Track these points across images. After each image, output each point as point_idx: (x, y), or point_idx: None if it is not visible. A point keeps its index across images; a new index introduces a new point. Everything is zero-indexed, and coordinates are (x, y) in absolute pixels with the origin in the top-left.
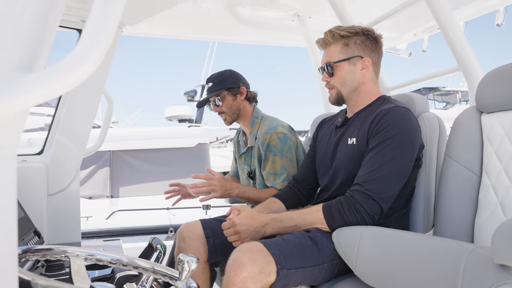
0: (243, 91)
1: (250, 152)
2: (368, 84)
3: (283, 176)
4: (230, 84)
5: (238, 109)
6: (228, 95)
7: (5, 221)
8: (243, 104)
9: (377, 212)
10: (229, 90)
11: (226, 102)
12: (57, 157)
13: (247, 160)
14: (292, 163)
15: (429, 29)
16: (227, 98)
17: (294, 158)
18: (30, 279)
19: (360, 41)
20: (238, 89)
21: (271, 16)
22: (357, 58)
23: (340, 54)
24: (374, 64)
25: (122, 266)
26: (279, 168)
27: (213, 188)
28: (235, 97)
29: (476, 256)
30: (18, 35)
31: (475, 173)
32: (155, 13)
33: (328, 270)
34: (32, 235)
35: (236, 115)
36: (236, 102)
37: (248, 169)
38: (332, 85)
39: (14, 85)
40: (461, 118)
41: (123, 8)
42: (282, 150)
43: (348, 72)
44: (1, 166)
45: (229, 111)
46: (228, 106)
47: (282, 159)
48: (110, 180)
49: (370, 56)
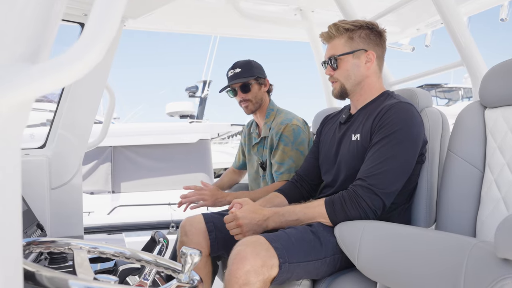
0: (267, 83)
1: (263, 143)
2: (371, 78)
3: (289, 167)
4: (259, 73)
5: (262, 99)
6: (255, 84)
7: (10, 213)
8: (265, 95)
9: (379, 207)
10: (257, 80)
11: (253, 91)
12: (60, 151)
13: (260, 150)
14: (302, 156)
15: (432, 24)
16: (254, 87)
17: (306, 152)
18: (34, 270)
19: (364, 35)
20: (264, 79)
21: (273, 10)
22: (361, 51)
23: (344, 47)
24: (378, 58)
25: (125, 259)
26: (287, 158)
27: (203, 197)
28: (261, 87)
29: (479, 250)
30: (22, 26)
31: (478, 168)
32: (157, 7)
33: (330, 264)
34: (35, 228)
35: (258, 105)
36: (261, 92)
37: (260, 160)
38: (335, 78)
39: (19, 75)
40: (465, 113)
41: (126, 1)
42: (294, 142)
43: (352, 65)
44: (6, 156)
45: (254, 100)
46: (254, 95)
47: (293, 150)
48: (111, 175)
49: (374, 50)
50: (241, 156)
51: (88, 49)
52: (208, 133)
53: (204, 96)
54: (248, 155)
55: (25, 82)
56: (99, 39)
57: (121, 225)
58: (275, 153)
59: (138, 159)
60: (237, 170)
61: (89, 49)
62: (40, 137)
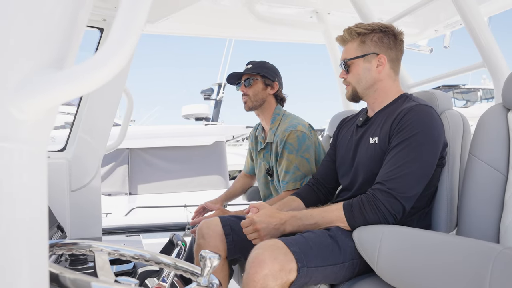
0: (275, 86)
1: (269, 149)
2: (385, 81)
3: (294, 176)
4: (267, 73)
5: (263, 100)
6: (260, 81)
7: (37, 217)
8: (269, 98)
9: (399, 211)
10: (263, 77)
11: (255, 87)
12: (79, 154)
13: (266, 156)
14: (309, 163)
15: (451, 25)
16: (258, 84)
17: (312, 158)
18: (58, 272)
19: (377, 38)
20: (272, 81)
21: (289, 12)
22: (372, 55)
23: (356, 51)
24: (392, 61)
25: (144, 261)
26: (292, 167)
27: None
28: (266, 88)
29: (505, 257)
30: (48, 33)
31: (501, 172)
32: (175, 11)
33: (348, 269)
34: (55, 229)
35: (257, 104)
36: (264, 92)
37: (267, 166)
38: (348, 82)
39: (46, 82)
40: (487, 116)
41: (149, 8)
42: (299, 149)
43: (363, 69)
44: (33, 161)
45: (253, 97)
46: (255, 92)
47: (297, 158)
48: (128, 177)
49: (387, 53)
50: (249, 160)
51: (112, 55)
52: (223, 135)
53: (219, 98)
54: (256, 160)
55: (51, 88)
56: (123, 45)
57: (138, 226)
58: (281, 161)
59: (155, 161)
60: (249, 174)
61: (114, 55)
62: (61, 140)
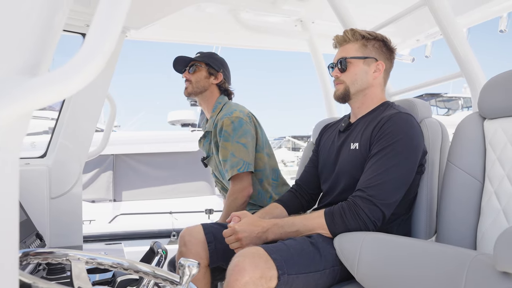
0: (219, 76)
1: (210, 137)
2: (376, 88)
3: (231, 162)
4: (213, 63)
5: (204, 88)
6: (204, 69)
7: (7, 224)
8: (212, 87)
9: (379, 218)
10: (207, 66)
11: (198, 74)
12: (60, 160)
13: (206, 145)
14: (246, 148)
15: (432, 35)
16: (201, 71)
17: (249, 143)
18: (31, 282)
19: (378, 46)
20: (216, 71)
21: (274, 21)
22: (372, 59)
23: (357, 52)
24: (386, 71)
25: (123, 270)
26: (229, 154)
27: None
28: (209, 76)
29: (479, 263)
30: (22, 39)
31: (478, 179)
32: (159, 18)
33: (329, 276)
34: (34, 238)
35: (198, 91)
36: (207, 81)
37: (204, 155)
38: (341, 80)
39: (19, 88)
40: (464, 124)
41: (126, 13)
42: (235, 135)
43: (361, 70)
44: (4, 169)
45: (194, 83)
46: (197, 79)
47: (233, 144)
48: (113, 183)
49: (385, 62)
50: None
51: (87, 61)
52: None
53: None
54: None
55: (24, 95)
56: (98, 51)
57: (122, 233)
58: (219, 150)
59: (140, 167)
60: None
61: (89, 61)
62: (42, 146)
